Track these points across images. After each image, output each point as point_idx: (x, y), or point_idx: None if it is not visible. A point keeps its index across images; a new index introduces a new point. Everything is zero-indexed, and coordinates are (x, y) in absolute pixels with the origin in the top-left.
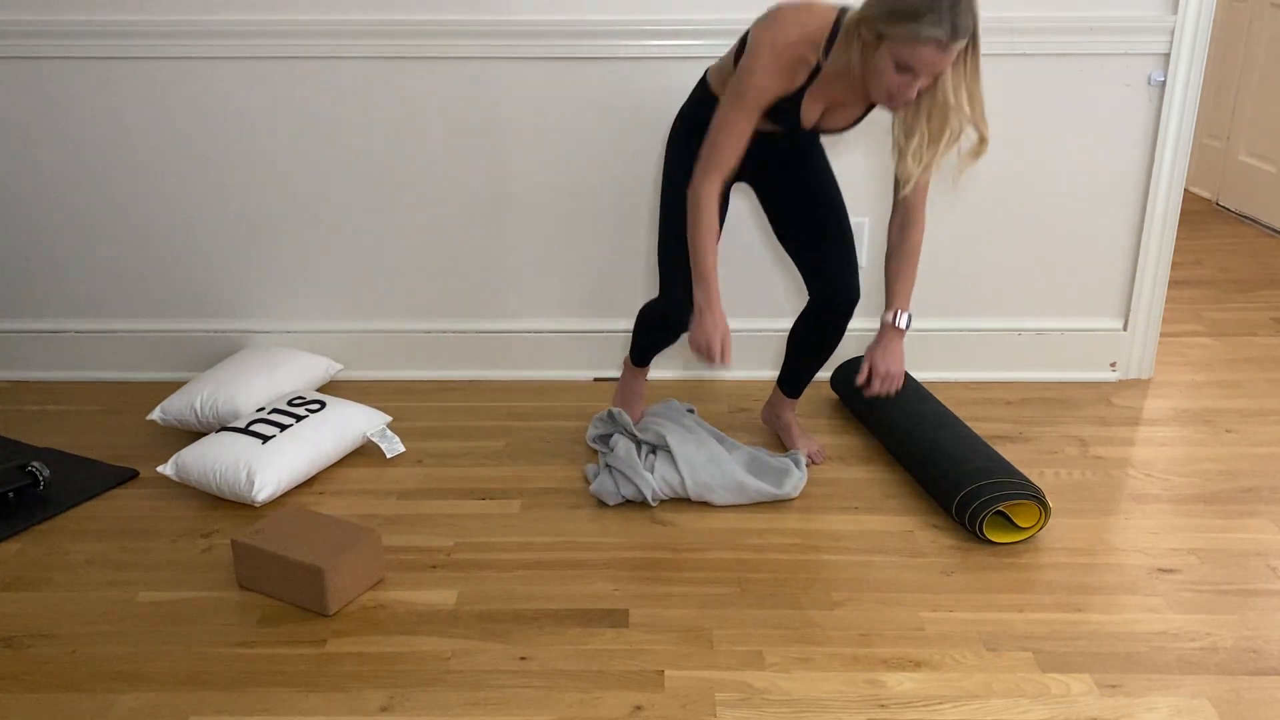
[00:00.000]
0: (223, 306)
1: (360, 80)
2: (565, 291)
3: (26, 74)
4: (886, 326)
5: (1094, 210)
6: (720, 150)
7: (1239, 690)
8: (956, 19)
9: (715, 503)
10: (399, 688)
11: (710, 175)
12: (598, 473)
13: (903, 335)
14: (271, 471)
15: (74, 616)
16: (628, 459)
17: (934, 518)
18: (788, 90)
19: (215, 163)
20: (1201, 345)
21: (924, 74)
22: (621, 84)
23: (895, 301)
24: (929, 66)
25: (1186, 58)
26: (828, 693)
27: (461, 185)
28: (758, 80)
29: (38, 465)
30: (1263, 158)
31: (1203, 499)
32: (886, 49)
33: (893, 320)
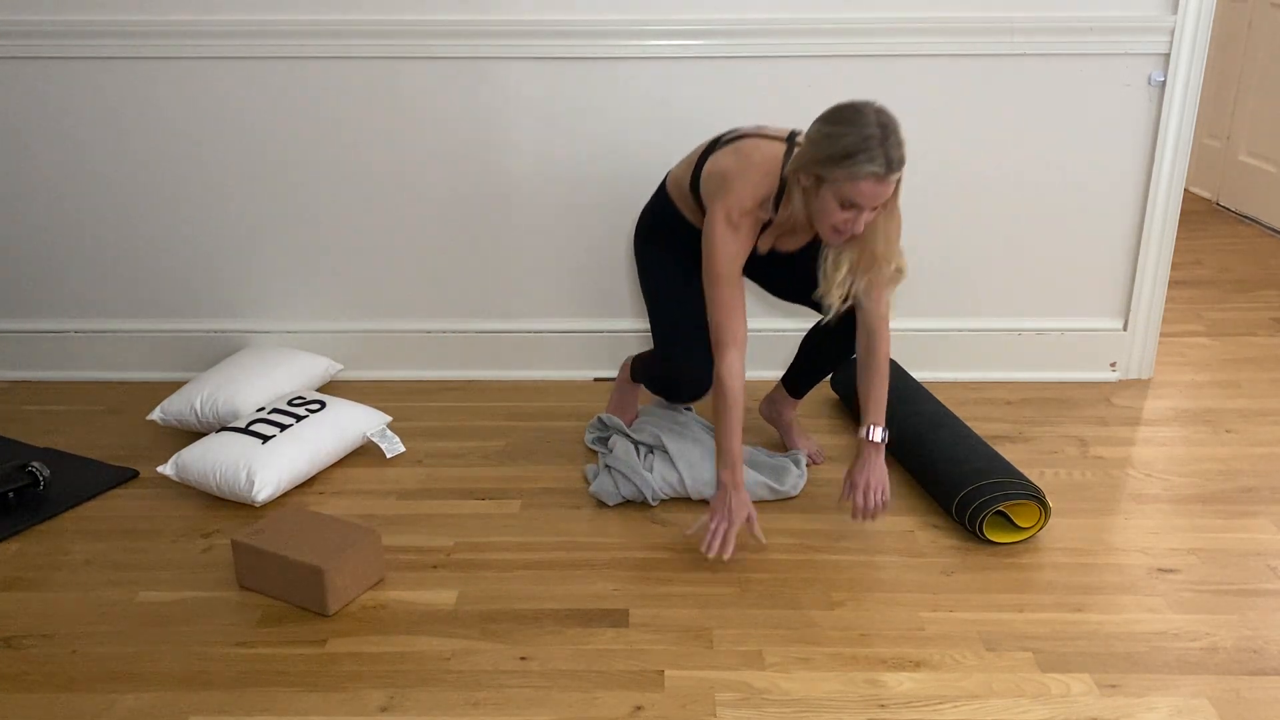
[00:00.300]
0: (223, 306)
1: (360, 80)
2: (565, 291)
3: (26, 74)
4: (864, 443)
5: (1094, 210)
6: (726, 325)
7: (1239, 690)
8: (889, 152)
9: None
10: (399, 688)
11: (728, 353)
12: (597, 473)
13: (881, 449)
14: (271, 471)
15: (74, 616)
16: (627, 459)
17: (934, 518)
18: (748, 247)
19: (215, 163)
20: (1201, 345)
21: (867, 207)
22: (621, 84)
23: (869, 417)
24: (871, 199)
25: (1186, 58)
26: (828, 693)
27: (462, 185)
28: (726, 253)
29: (38, 465)
30: (1263, 158)
31: (1203, 499)
32: (829, 190)
33: (868, 435)
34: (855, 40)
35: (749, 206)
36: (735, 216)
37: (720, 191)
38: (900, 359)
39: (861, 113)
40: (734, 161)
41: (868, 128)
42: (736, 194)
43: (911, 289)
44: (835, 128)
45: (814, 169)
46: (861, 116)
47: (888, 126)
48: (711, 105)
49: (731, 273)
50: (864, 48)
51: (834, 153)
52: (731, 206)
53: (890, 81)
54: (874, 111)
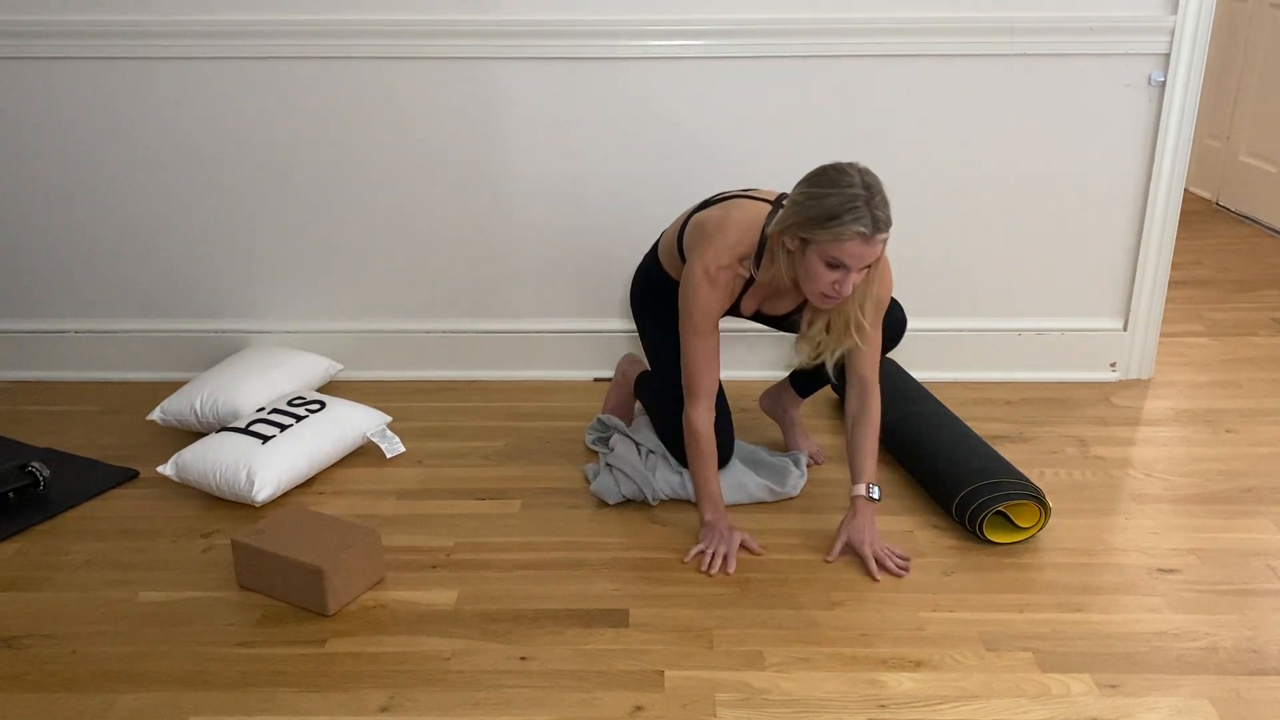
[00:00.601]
0: (223, 306)
1: (360, 80)
2: (565, 291)
3: (26, 74)
4: (859, 500)
5: (1094, 210)
6: (698, 378)
7: (1239, 690)
8: (875, 211)
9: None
10: (399, 688)
11: (698, 403)
12: (598, 472)
13: (874, 506)
14: (271, 471)
15: (74, 616)
16: (629, 458)
17: (934, 518)
18: (729, 305)
19: (215, 163)
20: (1201, 345)
21: (855, 267)
22: (621, 84)
23: (864, 475)
24: (858, 260)
25: (1186, 58)
26: (828, 693)
27: (461, 185)
28: (701, 306)
29: (38, 465)
30: (1263, 158)
31: (1203, 499)
32: (814, 251)
33: (865, 493)
34: (855, 40)
35: (726, 261)
36: (713, 270)
37: (699, 245)
38: (900, 359)
39: (845, 173)
40: (716, 217)
41: (852, 188)
42: (715, 248)
43: (912, 289)
44: (819, 189)
45: (798, 231)
46: (845, 177)
47: (872, 187)
48: (711, 105)
49: (707, 326)
50: (864, 48)
51: (818, 214)
52: (709, 260)
53: (890, 81)
54: (858, 172)
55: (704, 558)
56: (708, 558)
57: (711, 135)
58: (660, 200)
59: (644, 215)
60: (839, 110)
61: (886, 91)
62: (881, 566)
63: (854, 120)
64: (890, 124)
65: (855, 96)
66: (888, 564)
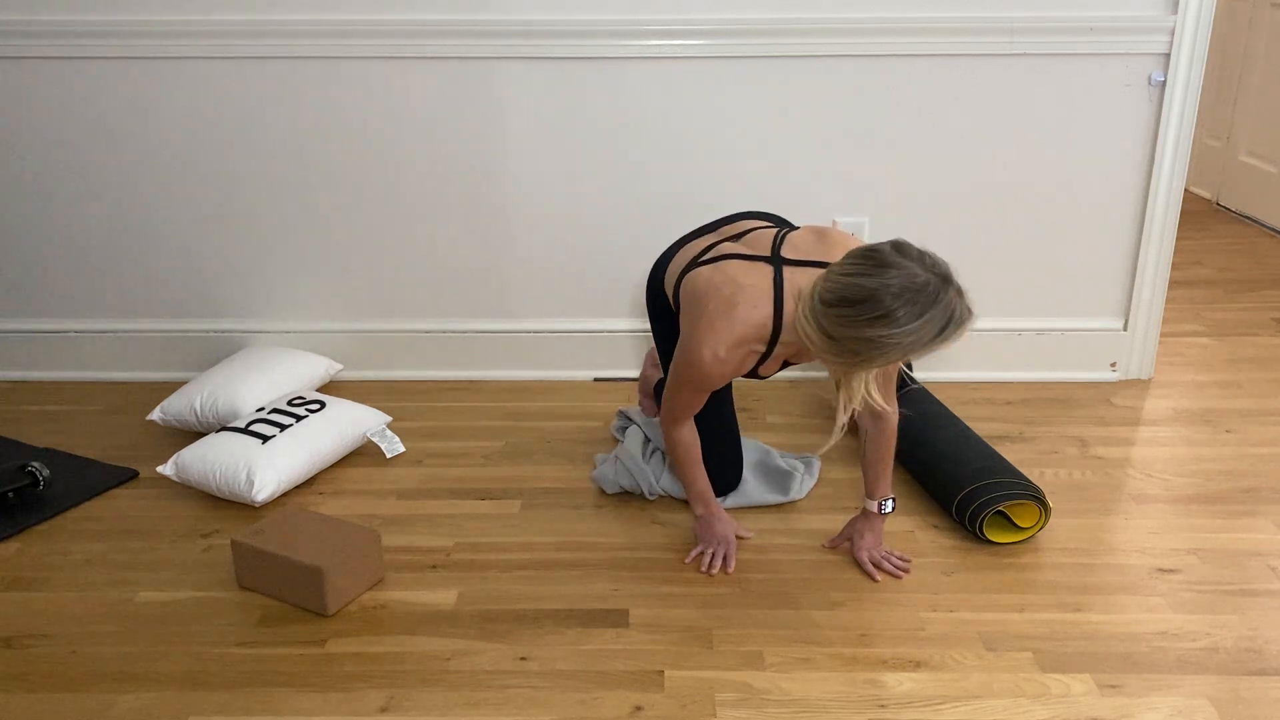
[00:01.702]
0: (223, 306)
1: (360, 80)
2: (565, 291)
3: (25, 74)
4: (873, 516)
5: (1094, 210)
6: (681, 412)
7: (1239, 690)
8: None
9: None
10: (399, 688)
11: (678, 422)
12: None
13: (884, 520)
14: (271, 471)
15: (74, 616)
16: (632, 451)
17: (934, 518)
18: (739, 374)
19: (215, 162)
20: (1201, 345)
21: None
22: (621, 84)
23: (879, 490)
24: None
25: (1186, 58)
26: (828, 693)
27: (462, 185)
28: (702, 380)
29: (38, 465)
30: (1263, 158)
31: (1203, 499)
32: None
33: (878, 509)
34: (855, 40)
35: (736, 339)
36: (722, 353)
37: (701, 323)
38: None
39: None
40: (721, 294)
41: (943, 294)
42: (720, 333)
43: None
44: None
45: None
46: (930, 290)
47: (939, 266)
48: (711, 105)
49: (706, 389)
50: (864, 48)
51: (927, 338)
52: (717, 345)
53: (890, 81)
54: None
55: (704, 558)
56: (707, 558)
57: (711, 135)
58: (660, 199)
59: (644, 215)
60: (839, 110)
61: (886, 91)
62: (879, 568)
63: (853, 120)
64: (890, 124)
65: (855, 96)
66: (885, 565)
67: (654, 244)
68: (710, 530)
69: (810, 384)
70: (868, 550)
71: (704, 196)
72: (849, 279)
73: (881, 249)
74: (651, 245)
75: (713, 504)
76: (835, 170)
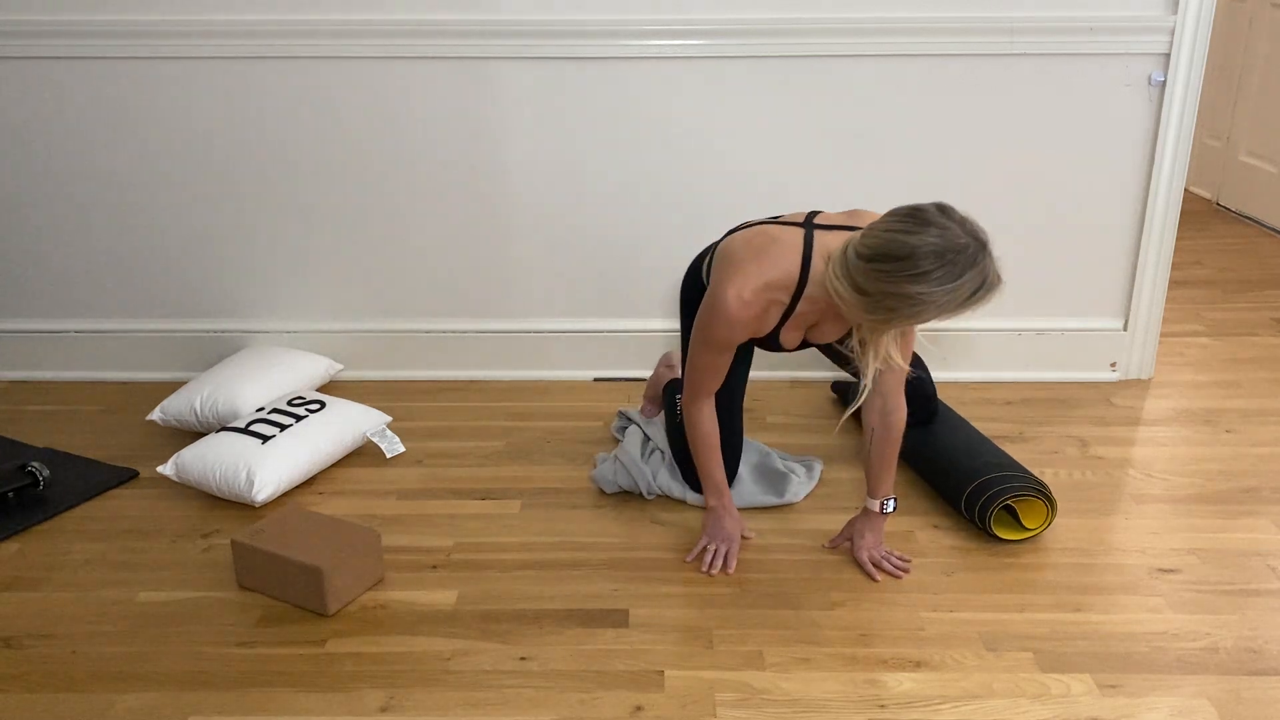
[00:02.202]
0: (223, 306)
1: (360, 80)
2: (565, 291)
3: (26, 74)
4: (874, 515)
5: (1094, 210)
6: (702, 381)
7: (1239, 690)
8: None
9: None
10: (399, 688)
11: (698, 399)
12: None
13: (884, 519)
14: (271, 471)
15: (74, 616)
16: (630, 451)
17: (935, 518)
18: (760, 332)
19: (215, 162)
20: (1201, 345)
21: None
22: (621, 84)
23: (881, 489)
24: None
25: (1186, 58)
26: (828, 693)
27: (462, 185)
28: (726, 331)
29: (38, 465)
30: (1263, 158)
31: (1203, 499)
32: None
33: (880, 509)
34: (855, 40)
35: (759, 286)
36: (747, 295)
37: (730, 269)
38: None
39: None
40: (753, 243)
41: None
42: (747, 273)
43: None
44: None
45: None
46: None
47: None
48: (711, 105)
49: (726, 345)
50: (863, 48)
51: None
52: (742, 285)
53: (889, 82)
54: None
55: (705, 556)
56: (708, 557)
57: (711, 135)
58: (660, 199)
59: (643, 214)
60: (839, 110)
61: (886, 91)
62: (879, 568)
63: (854, 120)
64: (890, 124)
65: (855, 96)
66: (885, 565)
67: (654, 243)
68: (719, 525)
69: (810, 384)
70: (868, 550)
71: (704, 196)
72: (890, 234)
73: (925, 208)
74: (651, 245)
75: (726, 497)
76: (835, 170)
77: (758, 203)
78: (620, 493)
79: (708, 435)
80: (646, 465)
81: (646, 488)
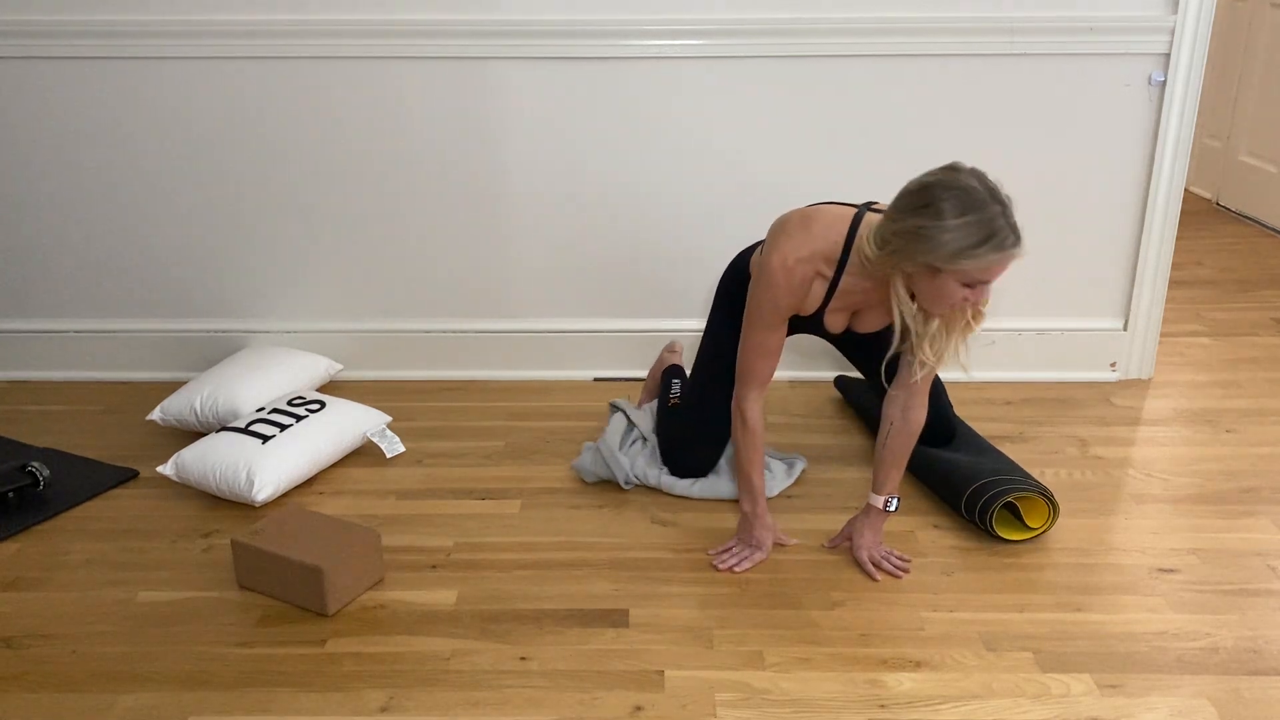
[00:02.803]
0: (223, 306)
1: (360, 80)
2: (565, 291)
3: (26, 74)
4: (877, 512)
5: (1094, 210)
6: (752, 368)
7: (1239, 690)
8: (1013, 222)
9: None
10: (399, 688)
11: (749, 390)
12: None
13: (886, 517)
14: (271, 471)
15: (74, 616)
16: (610, 441)
17: (935, 518)
18: (805, 307)
19: (215, 163)
20: (1201, 345)
21: (991, 281)
22: (621, 84)
23: (887, 486)
24: (1001, 272)
25: (1186, 58)
26: (828, 693)
27: (461, 185)
28: (771, 298)
29: (38, 465)
30: (1263, 158)
31: (1203, 499)
32: (950, 275)
33: (883, 505)
34: (854, 40)
35: (806, 254)
36: (791, 262)
37: (778, 239)
38: None
39: (974, 194)
40: (799, 215)
41: (989, 207)
42: (795, 241)
43: None
44: (951, 216)
45: (935, 264)
46: (977, 197)
47: (997, 193)
48: (711, 105)
49: (776, 320)
50: (863, 48)
51: (964, 244)
52: (788, 252)
53: (889, 82)
54: (978, 179)
55: (728, 556)
56: (728, 556)
57: (711, 135)
58: (660, 199)
59: (643, 214)
60: (839, 110)
61: (886, 91)
62: (879, 568)
63: (854, 120)
64: (890, 124)
65: (855, 96)
66: (885, 565)
67: (654, 243)
68: (749, 533)
69: (810, 384)
70: (868, 550)
71: (704, 196)
72: (916, 178)
73: (959, 164)
74: (651, 245)
75: (760, 504)
76: (835, 170)
77: (758, 203)
78: (600, 482)
79: (753, 433)
80: (624, 455)
81: (624, 478)
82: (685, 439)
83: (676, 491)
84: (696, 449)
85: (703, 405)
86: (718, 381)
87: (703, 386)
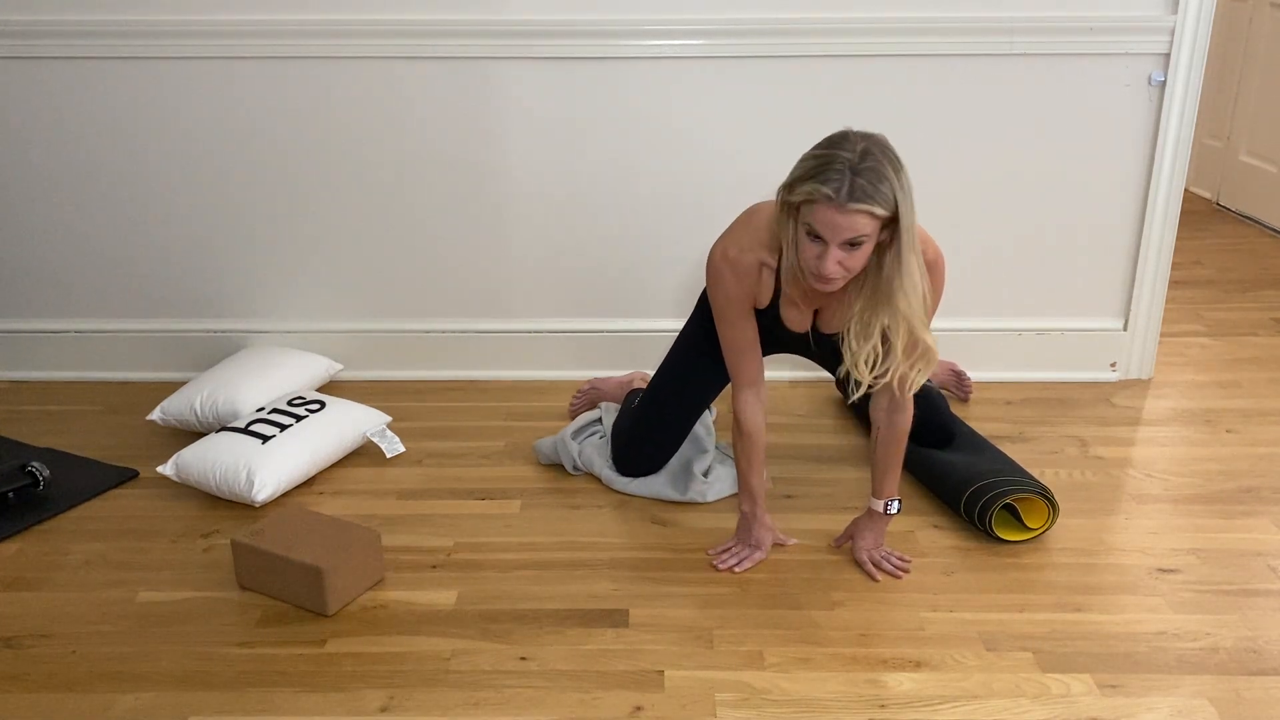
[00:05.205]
0: (223, 306)
1: (360, 80)
2: (565, 291)
3: (26, 74)
4: (878, 516)
5: (1094, 210)
6: (735, 367)
7: (1239, 690)
8: (855, 178)
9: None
10: (399, 688)
11: (739, 390)
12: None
13: (888, 520)
14: (271, 471)
15: (74, 616)
16: (568, 429)
17: (935, 518)
18: (760, 299)
19: (215, 163)
20: (1201, 345)
21: (831, 240)
22: (620, 84)
23: (885, 490)
24: (828, 228)
25: (1186, 58)
26: (828, 693)
27: (461, 185)
28: (722, 292)
29: (38, 465)
30: (1263, 158)
31: (1203, 499)
32: (801, 223)
33: (883, 510)
34: (855, 40)
35: (747, 244)
36: (733, 254)
37: (722, 235)
38: None
39: (847, 139)
40: (744, 212)
41: (844, 152)
42: (734, 233)
43: None
44: (815, 149)
45: (784, 193)
46: (846, 141)
47: (867, 155)
48: (711, 105)
49: (735, 313)
50: (863, 48)
51: (800, 172)
52: (728, 244)
53: (889, 81)
54: (861, 139)
55: (726, 555)
56: (728, 556)
57: (711, 135)
58: (660, 200)
59: (643, 215)
60: (838, 110)
61: (886, 92)
62: (879, 568)
63: (853, 120)
64: (890, 124)
65: (855, 96)
66: (885, 565)
67: (653, 243)
68: (748, 533)
69: (810, 384)
70: (868, 550)
71: (704, 196)
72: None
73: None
74: (651, 245)
75: (759, 505)
76: None
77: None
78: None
79: (748, 436)
80: (574, 442)
81: (570, 463)
82: (635, 436)
83: (616, 487)
84: (645, 447)
85: (655, 404)
86: (676, 382)
87: (655, 389)
